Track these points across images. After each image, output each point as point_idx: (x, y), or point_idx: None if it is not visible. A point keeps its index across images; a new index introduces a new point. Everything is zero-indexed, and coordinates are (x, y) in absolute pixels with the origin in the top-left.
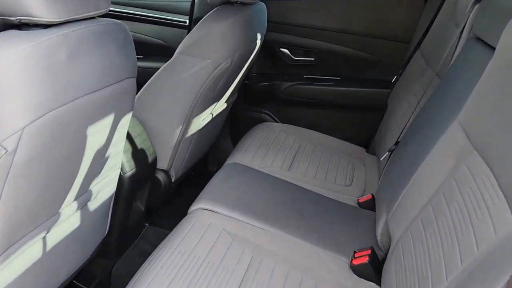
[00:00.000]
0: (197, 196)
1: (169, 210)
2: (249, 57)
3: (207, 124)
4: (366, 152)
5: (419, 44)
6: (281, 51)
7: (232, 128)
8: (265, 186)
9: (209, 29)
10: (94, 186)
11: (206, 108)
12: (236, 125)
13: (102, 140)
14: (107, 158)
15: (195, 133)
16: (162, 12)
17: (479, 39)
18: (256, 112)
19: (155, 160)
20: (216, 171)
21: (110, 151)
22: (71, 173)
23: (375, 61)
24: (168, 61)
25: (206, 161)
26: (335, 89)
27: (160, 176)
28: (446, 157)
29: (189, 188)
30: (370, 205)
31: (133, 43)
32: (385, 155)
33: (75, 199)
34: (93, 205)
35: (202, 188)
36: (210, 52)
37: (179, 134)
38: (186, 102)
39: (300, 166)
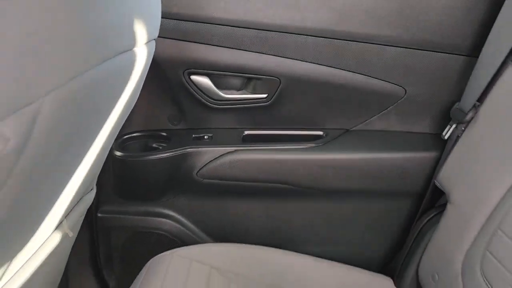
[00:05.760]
0: None
1: None
2: (108, 100)
3: None
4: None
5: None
6: (192, 81)
7: (92, 256)
8: None
9: None
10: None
11: None
12: (105, 247)
13: None
14: None
15: None
16: None
17: None
18: (144, 215)
19: None
20: None
21: None
22: None
23: (402, 96)
24: None
25: None
26: (316, 157)
27: None
28: None
29: None
30: None
31: None
32: None
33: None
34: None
35: None
36: None
37: None
38: None
39: None
